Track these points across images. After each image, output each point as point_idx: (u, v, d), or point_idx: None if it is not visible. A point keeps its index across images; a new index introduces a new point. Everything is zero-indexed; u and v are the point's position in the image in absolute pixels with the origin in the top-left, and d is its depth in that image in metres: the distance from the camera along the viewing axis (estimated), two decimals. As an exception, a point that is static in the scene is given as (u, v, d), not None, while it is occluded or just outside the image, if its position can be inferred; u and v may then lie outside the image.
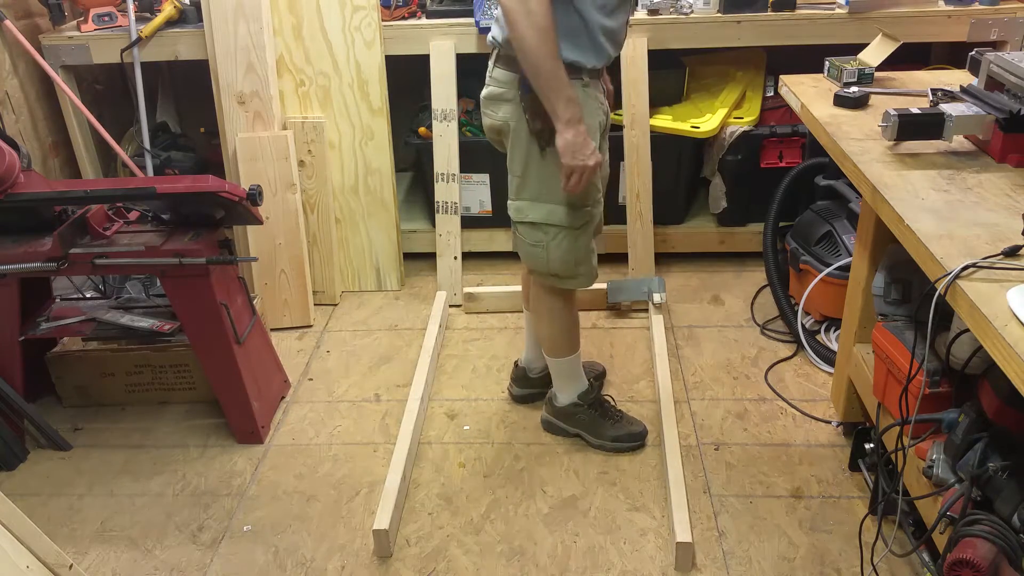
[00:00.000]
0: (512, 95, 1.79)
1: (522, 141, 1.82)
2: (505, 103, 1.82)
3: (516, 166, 1.87)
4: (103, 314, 2.35)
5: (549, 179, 1.83)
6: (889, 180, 1.51)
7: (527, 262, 2.00)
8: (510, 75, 1.78)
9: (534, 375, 2.35)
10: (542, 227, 1.89)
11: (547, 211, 1.87)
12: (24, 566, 1.35)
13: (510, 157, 1.88)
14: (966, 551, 1.28)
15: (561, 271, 1.95)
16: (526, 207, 1.89)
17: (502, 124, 1.84)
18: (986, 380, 1.43)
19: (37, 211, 2.11)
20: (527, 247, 1.95)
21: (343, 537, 1.95)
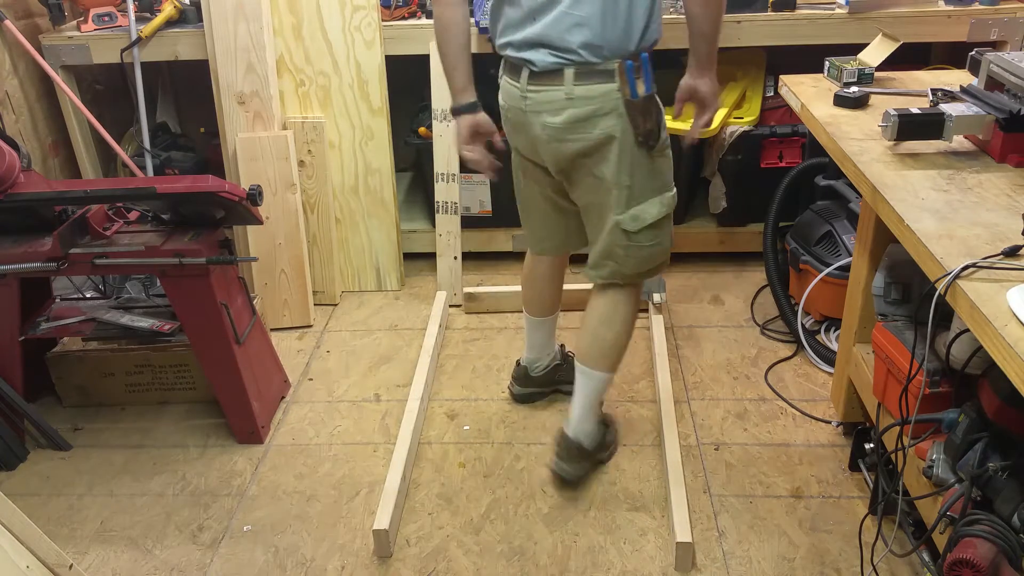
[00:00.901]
0: (611, 106, 1.68)
1: (628, 149, 1.72)
2: (603, 117, 1.69)
3: (624, 176, 1.75)
4: (103, 314, 2.35)
5: (654, 172, 1.78)
6: (889, 180, 1.51)
7: (640, 267, 1.88)
8: (603, 87, 1.66)
9: (536, 373, 2.32)
10: (661, 222, 1.82)
11: (660, 203, 1.81)
12: (24, 566, 1.35)
13: (615, 170, 1.74)
14: (966, 551, 1.28)
15: (667, 257, 1.92)
16: (642, 211, 1.79)
17: (601, 139, 1.71)
18: (986, 380, 1.43)
19: (37, 211, 2.11)
20: (646, 251, 1.84)
21: (343, 537, 1.95)
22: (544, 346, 2.30)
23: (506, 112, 1.83)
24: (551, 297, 2.22)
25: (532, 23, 1.66)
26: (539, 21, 1.64)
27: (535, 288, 2.20)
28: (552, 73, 1.67)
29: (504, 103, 1.82)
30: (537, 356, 2.31)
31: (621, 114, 1.69)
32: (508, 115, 1.83)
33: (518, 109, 1.76)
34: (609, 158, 1.73)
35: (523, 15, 1.67)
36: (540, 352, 2.30)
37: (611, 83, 1.66)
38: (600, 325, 1.94)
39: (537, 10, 1.64)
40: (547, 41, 1.64)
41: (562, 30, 1.62)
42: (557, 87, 1.67)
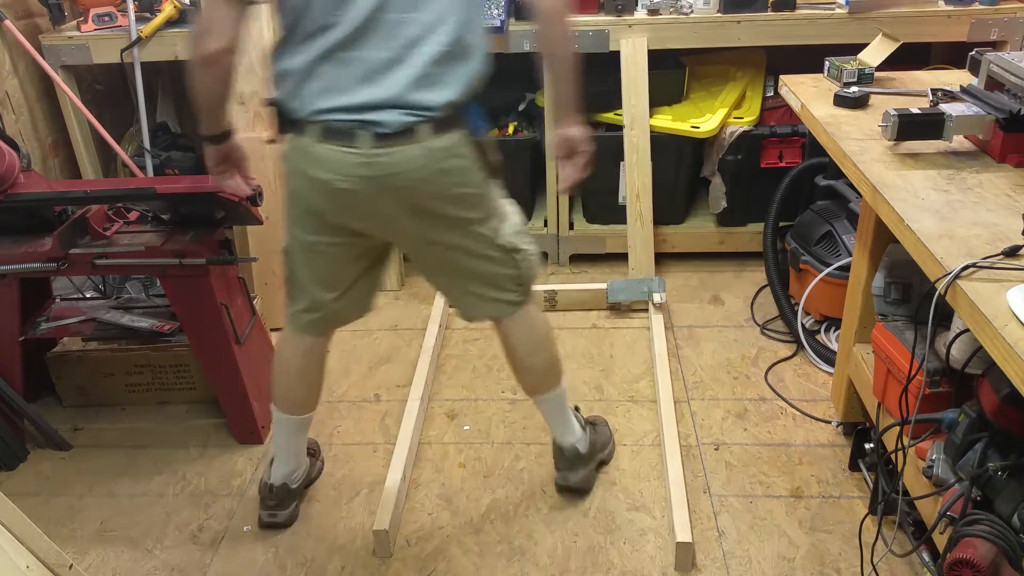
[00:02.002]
0: (465, 151, 1.54)
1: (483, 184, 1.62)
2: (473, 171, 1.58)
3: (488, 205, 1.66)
4: (103, 314, 2.35)
5: (495, 188, 1.69)
6: (889, 180, 1.51)
7: (534, 271, 1.79)
8: (455, 134, 1.52)
9: (296, 484, 1.99)
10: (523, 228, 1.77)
11: (516, 215, 1.76)
12: (24, 566, 1.35)
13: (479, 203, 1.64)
14: (966, 551, 1.28)
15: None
16: (508, 226, 1.72)
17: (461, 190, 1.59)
18: (986, 380, 1.43)
19: (37, 211, 2.11)
20: (529, 267, 1.77)
21: (343, 537, 1.95)
22: (302, 447, 2.00)
23: (324, 184, 1.55)
24: (319, 383, 1.94)
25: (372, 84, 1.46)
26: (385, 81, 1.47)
27: (298, 373, 1.89)
28: (406, 132, 1.48)
29: (323, 174, 1.54)
30: (295, 465, 1.98)
31: (472, 158, 1.56)
32: (328, 186, 1.55)
33: (355, 177, 1.52)
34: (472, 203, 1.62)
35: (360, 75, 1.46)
36: (299, 456, 1.99)
37: (460, 129, 1.53)
38: (528, 356, 1.85)
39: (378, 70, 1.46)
40: (399, 102, 1.47)
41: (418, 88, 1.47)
42: (411, 144, 1.49)
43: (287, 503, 1.97)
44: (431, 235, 1.65)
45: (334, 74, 1.46)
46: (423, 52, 1.44)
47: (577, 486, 2.00)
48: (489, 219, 1.68)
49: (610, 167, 2.93)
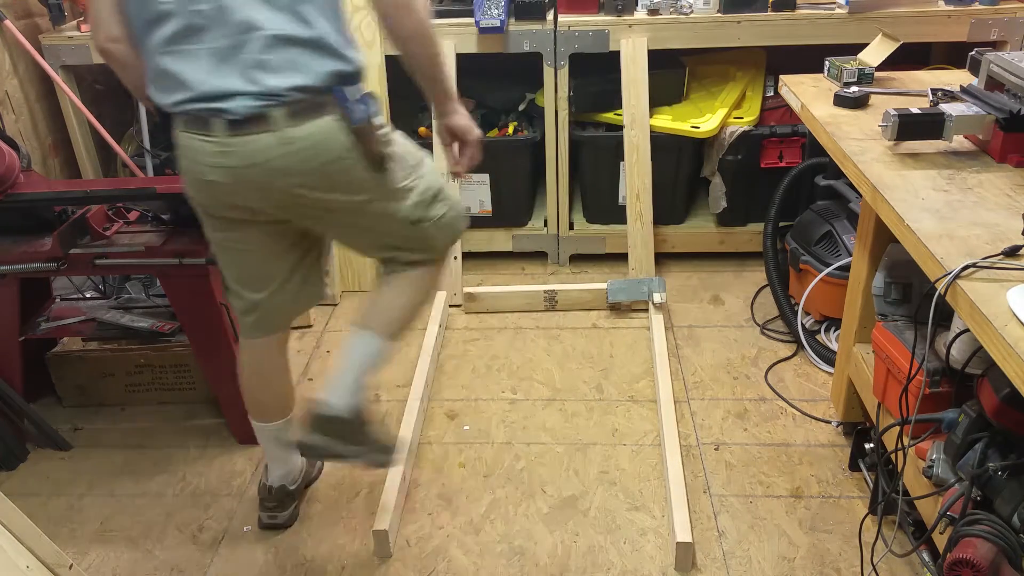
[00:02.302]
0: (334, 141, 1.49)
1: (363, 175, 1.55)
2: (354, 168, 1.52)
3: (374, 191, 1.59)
4: (103, 314, 2.35)
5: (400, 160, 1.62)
6: (889, 180, 1.51)
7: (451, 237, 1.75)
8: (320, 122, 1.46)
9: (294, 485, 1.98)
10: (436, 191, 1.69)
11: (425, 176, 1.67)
12: (24, 566, 1.35)
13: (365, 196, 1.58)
14: (966, 551, 1.28)
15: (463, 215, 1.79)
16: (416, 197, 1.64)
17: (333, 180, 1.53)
18: (986, 380, 1.43)
19: (37, 211, 2.11)
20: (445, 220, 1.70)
21: (343, 537, 1.95)
22: (290, 454, 1.95)
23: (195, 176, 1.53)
24: (283, 387, 1.89)
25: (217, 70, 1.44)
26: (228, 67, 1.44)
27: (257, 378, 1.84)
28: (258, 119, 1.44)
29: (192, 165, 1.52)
30: (288, 467, 1.96)
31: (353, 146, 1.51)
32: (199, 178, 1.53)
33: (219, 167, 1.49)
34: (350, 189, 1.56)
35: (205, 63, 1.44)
36: (290, 459, 1.95)
37: (331, 115, 1.48)
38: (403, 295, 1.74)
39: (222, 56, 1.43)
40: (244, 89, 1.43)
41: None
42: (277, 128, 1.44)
43: (286, 504, 1.97)
44: (318, 218, 1.62)
45: (182, 63, 1.43)
46: (260, 36, 1.39)
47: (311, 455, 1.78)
48: (381, 200, 1.61)
49: (610, 167, 2.93)
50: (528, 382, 2.46)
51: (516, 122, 2.99)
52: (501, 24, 2.66)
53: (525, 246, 3.10)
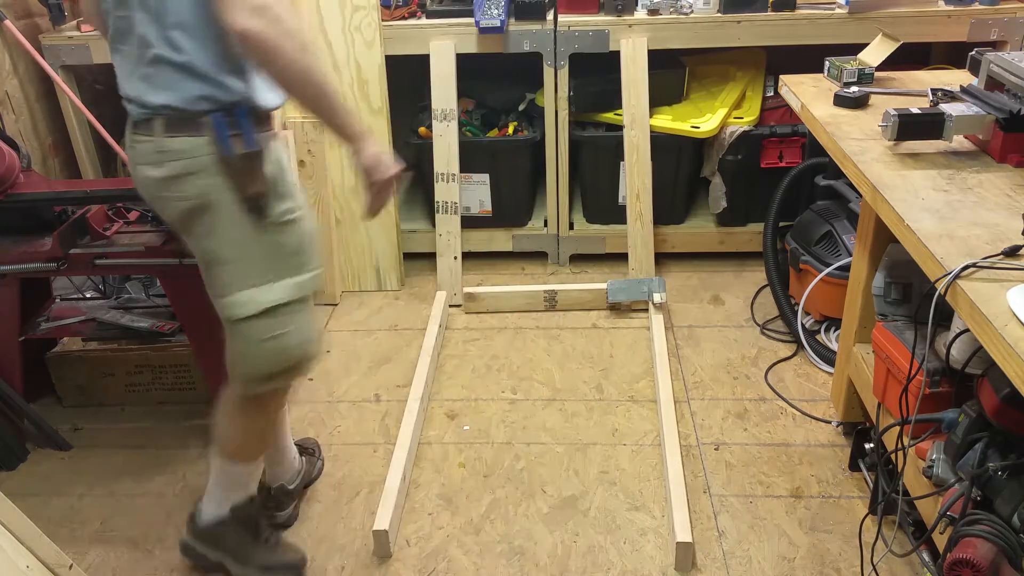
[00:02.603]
0: (204, 163, 1.43)
1: (230, 216, 1.46)
2: (195, 175, 1.44)
3: (228, 250, 1.49)
4: (103, 314, 2.35)
5: (276, 250, 1.51)
6: (889, 180, 1.51)
7: (259, 366, 1.58)
8: (194, 140, 1.42)
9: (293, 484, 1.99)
10: (282, 309, 1.54)
11: (286, 288, 1.53)
12: (24, 566, 1.35)
13: (215, 243, 1.49)
14: (966, 551, 1.28)
15: (310, 351, 1.63)
16: (259, 293, 1.51)
17: (197, 203, 1.46)
18: (986, 380, 1.43)
19: (37, 211, 2.11)
20: (258, 345, 1.55)
21: (343, 537, 1.95)
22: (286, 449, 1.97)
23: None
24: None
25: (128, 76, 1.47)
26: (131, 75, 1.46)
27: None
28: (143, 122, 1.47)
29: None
30: (284, 467, 1.97)
31: (218, 173, 1.44)
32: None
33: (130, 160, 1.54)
34: (202, 228, 1.49)
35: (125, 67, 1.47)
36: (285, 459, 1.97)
37: (202, 136, 1.42)
38: (234, 419, 1.70)
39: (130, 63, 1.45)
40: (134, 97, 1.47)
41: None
42: (151, 137, 1.46)
43: (285, 504, 1.97)
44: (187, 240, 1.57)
45: (117, 60, 1.49)
46: (150, 54, 1.39)
47: (183, 545, 1.84)
48: (223, 266, 1.51)
49: (610, 167, 2.93)
50: (528, 382, 2.46)
51: (516, 122, 2.99)
52: (501, 24, 2.66)
53: (525, 246, 3.10)
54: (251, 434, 1.72)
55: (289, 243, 1.52)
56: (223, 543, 1.78)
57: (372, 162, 1.50)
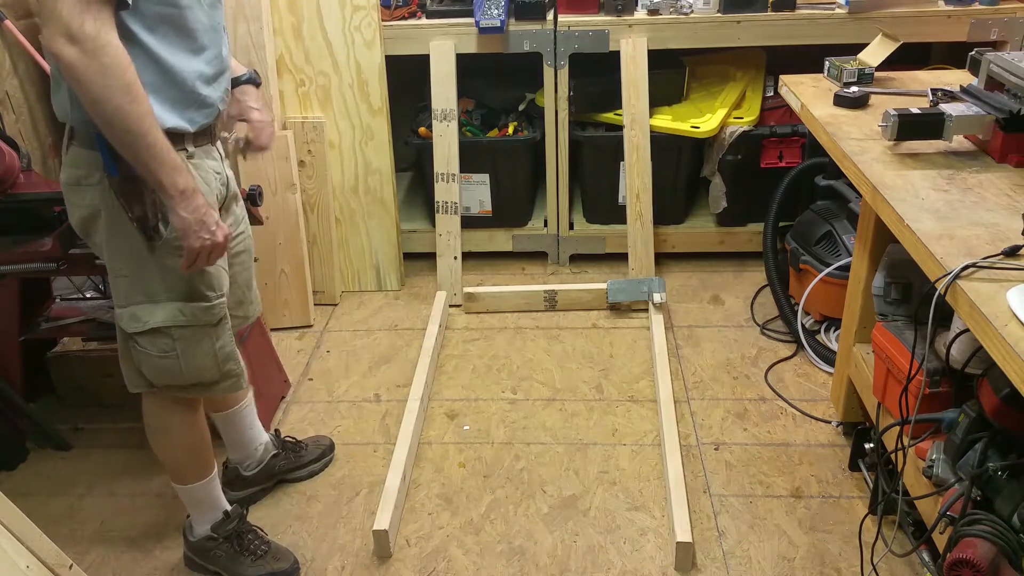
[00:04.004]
0: (96, 178, 1.43)
1: (122, 231, 1.46)
2: (89, 188, 1.45)
3: (120, 264, 1.50)
4: (103, 314, 2.35)
5: (162, 271, 1.50)
6: (889, 180, 1.51)
7: (157, 379, 1.61)
8: (88, 153, 1.41)
9: (250, 472, 2.05)
10: (170, 331, 1.54)
11: (173, 311, 1.53)
12: (24, 566, 1.35)
13: (109, 254, 1.51)
14: (966, 551, 1.28)
15: (206, 377, 1.62)
16: (144, 312, 1.53)
17: (90, 212, 1.47)
18: (986, 380, 1.43)
19: (37, 211, 2.11)
20: (155, 361, 1.57)
21: (343, 537, 1.95)
22: (248, 441, 2.03)
23: None
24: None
25: None
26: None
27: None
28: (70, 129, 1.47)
29: None
30: (244, 454, 2.04)
31: (107, 189, 1.43)
32: None
33: None
34: (101, 237, 1.50)
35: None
36: (246, 449, 2.03)
37: (94, 150, 1.40)
38: (158, 444, 1.74)
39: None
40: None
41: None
42: (65, 140, 1.48)
43: (236, 485, 2.04)
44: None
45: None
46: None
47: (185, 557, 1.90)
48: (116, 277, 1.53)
49: (610, 167, 2.93)
50: (528, 382, 2.46)
51: (516, 122, 2.99)
52: (501, 24, 2.66)
53: (525, 246, 3.10)
54: (178, 449, 1.75)
55: (177, 268, 1.49)
56: (213, 558, 1.85)
57: (180, 227, 1.40)
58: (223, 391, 1.69)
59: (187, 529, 1.87)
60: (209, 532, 1.83)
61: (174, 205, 1.37)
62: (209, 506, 1.83)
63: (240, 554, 1.83)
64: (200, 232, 1.41)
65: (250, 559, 1.83)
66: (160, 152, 1.33)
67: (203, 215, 1.40)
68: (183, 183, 1.37)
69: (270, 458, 2.07)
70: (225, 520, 1.84)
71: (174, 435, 1.73)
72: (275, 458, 2.08)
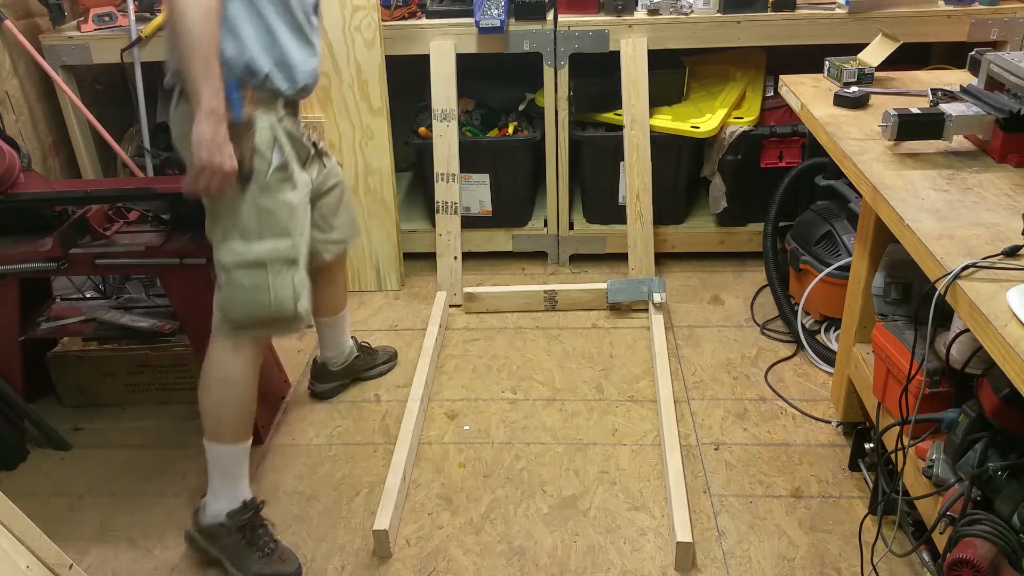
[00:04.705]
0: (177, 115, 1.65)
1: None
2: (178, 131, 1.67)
3: (221, 205, 1.69)
4: (103, 314, 2.35)
5: (261, 212, 1.69)
6: (889, 180, 1.51)
7: (244, 314, 1.75)
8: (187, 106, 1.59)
9: (336, 367, 2.41)
10: (263, 264, 1.71)
11: (266, 247, 1.71)
12: (24, 566, 1.35)
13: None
14: (966, 551, 1.28)
15: (287, 310, 1.76)
16: (240, 246, 1.70)
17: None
18: (986, 380, 1.43)
19: (37, 211, 2.11)
20: (246, 294, 1.72)
21: (343, 537, 1.95)
22: (341, 343, 2.40)
23: None
24: (331, 297, 2.29)
25: None
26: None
27: (317, 289, 2.04)
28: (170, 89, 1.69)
29: None
30: (336, 352, 2.41)
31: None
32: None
33: None
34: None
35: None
36: (338, 347, 2.40)
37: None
38: (209, 388, 1.81)
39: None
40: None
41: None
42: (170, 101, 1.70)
43: (324, 378, 2.42)
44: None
45: None
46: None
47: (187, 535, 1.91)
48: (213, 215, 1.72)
49: (610, 167, 2.93)
50: (528, 382, 2.46)
51: (516, 122, 2.99)
52: (501, 24, 2.66)
53: (525, 246, 3.10)
54: (228, 403, 1.81)
55: (274, 211, 1.71)
56: (220, 544, 1.86)
57: (197, 138, 1.54)
58: (294, 329, 1.82)
59: (201, 509, 1.87)
60: (224, 519, 1.84)
61: (201, 118, 1.52)
62: (233, 480, 1.85)
63: (248, 547, 1.84)
64: (212, 151, 1.54)
65: (257, 555, 1.84)
66: (212, 74, 1.51)
67: (221, 140, 1.54)
68: (217, 105, 1.52)
69: (353, 359, 2.44)
70: (243, 509, 1.85)
71: (230, 386, 1.80)
72: (356, 359, 2.45)
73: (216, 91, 1.52)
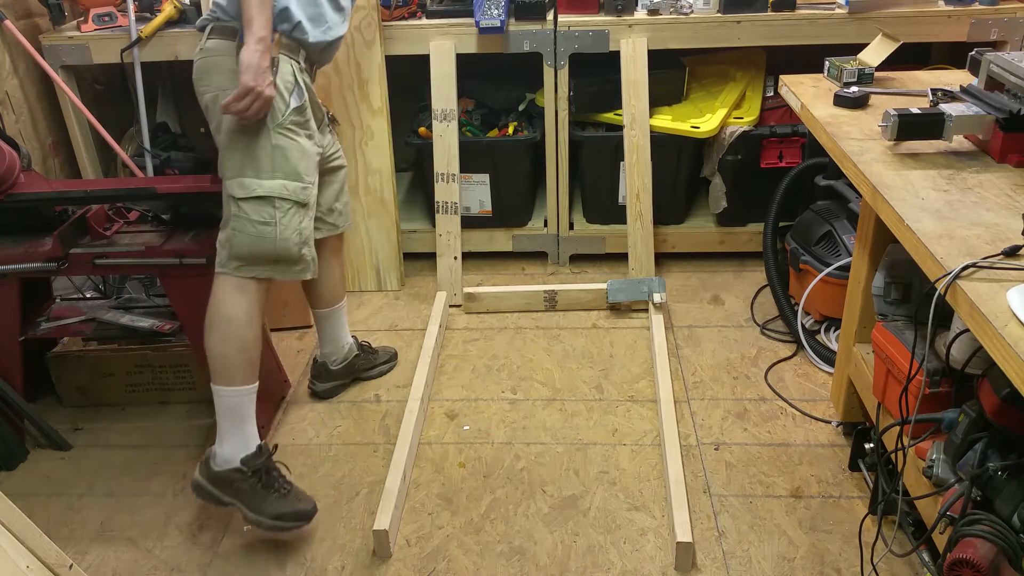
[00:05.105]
0: (226, 64, 1.73)
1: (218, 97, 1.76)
2: (219, 73, 1.76)
3: (235, 139, 1.78)
4: (103, 314, 2.35)
5: (276, 151, 1.78)
6: (889, 180, 1.51)
7: (249, 250, 1.80)
8: (225, 43, 1.76)
9: (335, 367, 2.40)
10: (273, 201, 1.79)
11: (278, 185, 1.79)
12: (24, 566, 1.35)
13: (226, 130, 1.78)
14: (966, 551, 1.28)
15: (291, 252, 1.83)
16: (252, 182, 1.78)
17: (217, 94, 1.76)
18: (986, 380, 1.43)
19: (37, 211, 2.11)
20: (254, 228, 1.79)
21: (343, 537, 1.95)
22: (339, 338, 2.39)
23: None
24: (328, 287, 2.29)
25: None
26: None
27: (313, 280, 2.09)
28: (201, 28, 1.83)
29: None
30: (334, 348, 2.39)
31: (235, 73, 1.68)
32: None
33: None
34: (222, 118, 1.77)
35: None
36: (336, 343, 2.39)
37: (232, 41, 1.75)
38: (214, 329, 1.83)
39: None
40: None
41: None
42: (204, 37, 1.81)
43: (324, 377, 2.41)
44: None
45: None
46: None
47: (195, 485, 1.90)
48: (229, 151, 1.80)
49: (610, 167, 2.93)
50: (528, 382, 2.46)
51: (516, 122, 2.99)
52: (501, 24, 2.66)
53: (525, 246, 3.10)
54: (234, 343, 1.83)
55: (286, 150, 1.80)
56: (235, 490, 1.87)
57: (245, 61, 1.66)
58: (297, 273, 1.88)
59: (210, 457, 1.87)
60: (238, 464, 1.85)
61: (251, 44, 1.66)
62: (240, 423, 1.87)
63: (265, 490, 1.86)
64: (256, 75, 1.66)
65: (274, 495, 1.87)
66: (267, 6, 1.68)
67: (266, 67, 1.68)
68: (266, 34, 1.68)
69: (353, 357, 2.41)
70: (257, 454, 1.87)
71: (235, 326, 1.83)
72: (356, 358, 2.43)
73: (267, 22, 1.67)
